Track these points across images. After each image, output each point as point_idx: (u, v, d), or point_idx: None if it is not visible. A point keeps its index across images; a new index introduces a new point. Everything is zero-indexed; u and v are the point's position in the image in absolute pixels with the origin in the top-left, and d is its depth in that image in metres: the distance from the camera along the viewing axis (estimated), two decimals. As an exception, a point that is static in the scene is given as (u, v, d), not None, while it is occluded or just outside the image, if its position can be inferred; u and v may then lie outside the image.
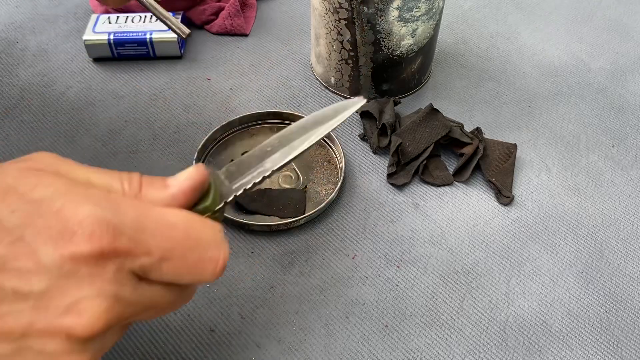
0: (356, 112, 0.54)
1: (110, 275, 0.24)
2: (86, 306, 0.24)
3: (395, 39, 0.51)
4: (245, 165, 0.32)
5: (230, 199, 0.31)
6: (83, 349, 0.24)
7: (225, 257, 0.28)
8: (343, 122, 0.33)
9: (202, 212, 0.29)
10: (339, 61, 0.55)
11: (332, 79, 0.57)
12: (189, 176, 0.28)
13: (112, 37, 0.58)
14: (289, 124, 0.53)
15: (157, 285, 0.27)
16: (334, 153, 0.52)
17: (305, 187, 0.49)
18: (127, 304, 0.25)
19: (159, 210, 0.26)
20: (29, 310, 0.23)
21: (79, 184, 0.25)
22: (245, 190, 0.31)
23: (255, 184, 0.31)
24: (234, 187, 0.31)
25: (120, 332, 0.27)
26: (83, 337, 0.24)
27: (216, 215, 0.30)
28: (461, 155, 0.51)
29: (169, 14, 0.39)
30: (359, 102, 0.33)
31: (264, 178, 0.31)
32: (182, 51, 0.61)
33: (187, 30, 0.39)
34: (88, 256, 0.23)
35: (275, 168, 0.32)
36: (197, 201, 0.29)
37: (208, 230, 0.27)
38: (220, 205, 0.30)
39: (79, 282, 0.24)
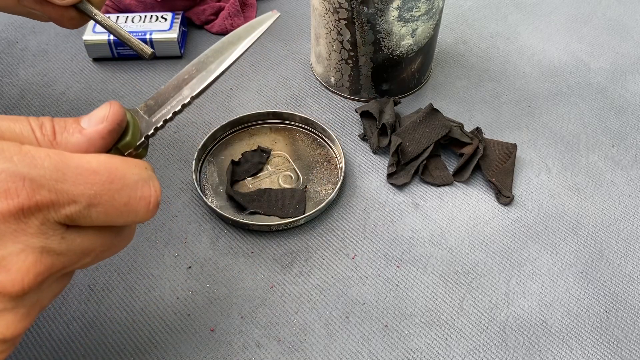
0: (356, 111, 0.55)
1: (34, 229, 0.24)
2: (12, 262, 0.23)
3: (395, 39, 0.51)
4: (164, 97, 0.31)
5: (151, 132, 0.30)
6: (15, 305, 0.24)
7: (156, 193, 0.27)
8: (259, 39, 0.32)
9: (123, 149, 0.29)
10: (339, 61, 0.55)
11: (332, 79, 0.57)
12: (105, 117, 0.27)
13: (112, 37, 0.58)
14: (289, 124, 0.54)
15: (90, 231, 0.26)
16: (334, 153, 0.52)
17: (305, 187, 0.49)
18: (57, 254, 0.25)
19: (78, 157, 0.25)
20: None
21: None
22: (165, 121, 0.31)
23: (175, 113, 0.31)
24: (153, 119, 0.31)
25: (59, 284, 0.27)
26: (13, 293, 0.24)
27: (139, 152, 0.30)
28: (461, 155, 0.51)
29: (130, 35, 0.37)
30: (272, 16, 0.33)
31: (183, 106, 0.31)
32: (182, 51, 0.61)
33: (149, 51, 0.37)
34: (7, 214, 0.23)
35: (194, 94, 0.31)
36: (116, 140, 0.28)
37: (133, 169, 0.27)
38: (141, 140, 0.30)
39: (1, 239, 0.23)
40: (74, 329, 0.41)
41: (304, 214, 0.47)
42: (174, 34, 0.59)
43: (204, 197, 0.47)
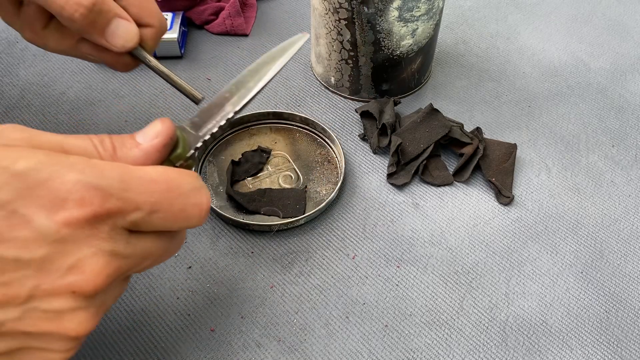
0: (356, 111, 0.55)
1: (104, 234, 0.26)
2: (87, 264, 0.26)
3: (395, 39, 0.51)
4: (208, 114, 0.34)
5: (199, 144, 0.33)
6: (87, 305, 0.26)
7: (207, 200, 0.30)
8: (292, 58, 0.35)
9: (175, 161, 0.31)
10: (339, 61, 0.55)
11: (332, 79, 0.57)
12: (159, 133, 0.30)
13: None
14: (289, 124, 0.54)
15: (150, 236, 0.29)
16: (334, 153, 0.52)
17: (305, 187, 0.49)
18: (123, 257, 0.27)
19: (138, 168, 0.28)
20: (32, 275, 0.25)
21: (58, 153, 0.26)
22: (212, 134, 0.33)
23: (220, 127, 0.34)
24: (200, 133, 0.33)
25: (120, 287, 0.29)
26: (87, 292, 0.26)
27: (189, 163, 0.32)
28: (461, 155, 0.51)
29: (181, 80, 0.39)
30: (303, 37, 0.35)
31: (227, 121, 0.34)
32: (182, 51, 0.61)
33: (200, 96, 0.39)
34: (82, 220, 0.25)
35: (236, 109, 0.34)
36: (169, 153, 0.31)
37: (187, 179, 0.29)
38: (191, 152, 0.32)
39: (77, 244, 0.25)
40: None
41: (304, 214, 0.47)
42: (174, 34, 0.59)
43: (204, 197, 0.47)
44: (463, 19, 0.68)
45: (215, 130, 0.34)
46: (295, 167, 0.51)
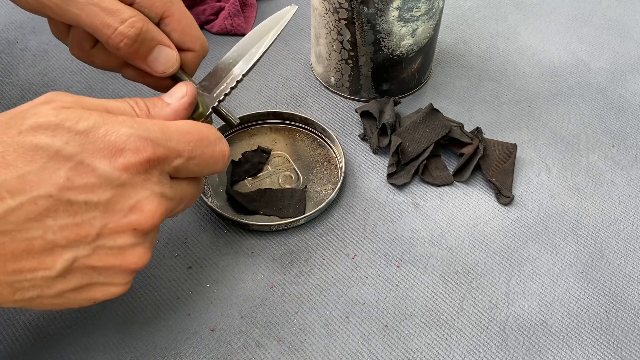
0: (356, 111, 0.55)
1: (155, 178, 0.31)
2: (144, 204, 0.30)
3: (395, 39, 0.51)
4: (216, 78, 0.39)
5: (215, 104, 0.38)
6: (144, 240, 0.31)
7: (228, 149, 0.35)
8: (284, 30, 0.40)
9: (197, 119, 0.36)
10: (339, 61, 0.55)
11: (332, 79, 0.57)
12: (185, 93, 0.35)
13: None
14: (290, 124, 0.54)
15: (184, 181, 0.34)
16: (334, 153, 0.52)
17: (305, 187, 0.49)
18: (169, 199, 0.32)
19: (173, 123, 0.32)
20: (100, 216, 0.29)
21: (108, 114, 0.30)
22: (225, 95, 0.39)
23: (232, 88, 0.39)
24: (214, 95, 0.39)
25: (157, 232, 0.34)
26: (145, 229, 0.30)
27: (208, 120, 0.38)
28: (461, 155, 0.51)
29: (220, 106, 0.41)
30: (292, 9, 0.40)
31: (237, 82, 0.39)
32: (182, 51, 0.61)
33: (236, 122, 0.42)
34: (139, 165, 0.29)
35: (244, 72, 0.39)
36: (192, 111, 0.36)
37: (211, 131, 0.34)
38: (210, 111, 0.38)
39: (135, 188, 0.30)
40: (74, 330, 0.41)
41: (304, 214, 0.47)
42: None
43: (204, 197, 0.47)
44: (463, 19, 0.68)
45: (227, 91, 0.39)
46: (295, 167, 0.51)
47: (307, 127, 0.53)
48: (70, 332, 0.40)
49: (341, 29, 0.52)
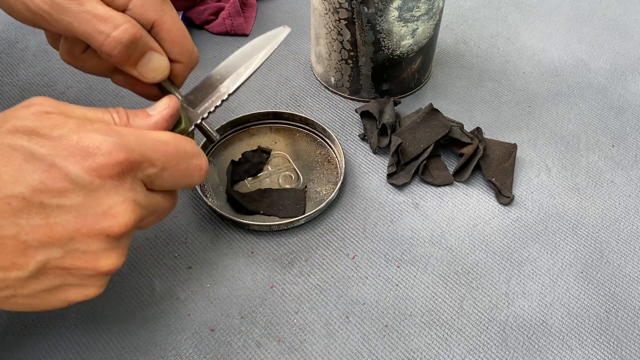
0: (356, 111, 0.55)
1: (128, 184, 0.31)
2: (117, 210, 0.30)
3: (395, 39, 0.51)
4: (202, 93, 0.39)
5: (198, 121, 0.39)
6: (117, 245, 0.31)
7: (206, 163, 0.35)
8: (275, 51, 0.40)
9: (179, 134, 0.36)
10: (339, 61, 0.55)
11: (332, 79, 0.57)
12: (167, 105, 0.35)
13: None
14: (289, 124, 0.54)
15: (159, 194, 0.34)
16: (334, 153, 0.52)
17: (305, 187, 0.49)
18: (143, 207, 0.32)
19: (151, 132, 0.33)
20: (73, 220, 0.29)
21: (85, 121, 0.31)
22: (209, 113, 0.39)
23: (216, 107, 0.39)
24: (198, 111, 0.39)
25: (130, 237, 0.33)
26: (119, 234, 0.30)
27: (190, 136, 0.38)
28: (461, 155, 0.51)
29: (202, 122, 0.40)
30: (285, 30, 0.40)
31: (222, 101, 0.39)
32: (182, 51, 0.61)
33: (216, 138, 0.41)
34: (110, 168, 0.30)
35: (230, 92, 0.39)
36: (173, 125, 0.36)
37: (190, 145, 0.34)
38: (192, 127, 0.38)
39: (108, 193, 0.30)
40: (74, 329, 0.41)
41: (304, 214, 0.47)
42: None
43: (204, 197, 0.47)
44: (463, 19, 0.68)
45: (212, 109, 0.39)
46: (295, 167, 0.51)
47: (307, 127, 0.53)
48: (71, 332, 0.40)
49: (341, 29, 0.52)
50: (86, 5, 0.34)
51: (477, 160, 0.50)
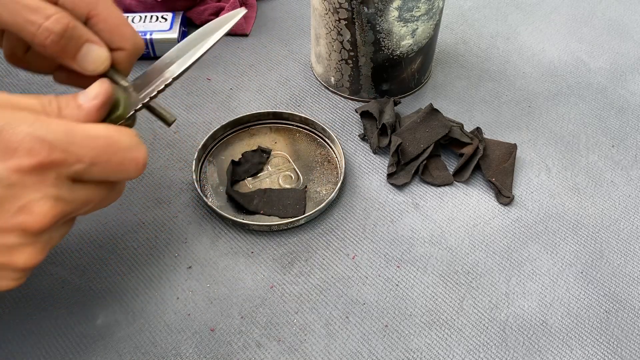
0: (356, 111, 0.55)
1: (50, 181, 0.30)
2: (35, 206, 0.30)
3: (395, 39, 0.51)
4: (149, 78, 0.38)
5: (139, 106, 0.37)
6: (34, 241, 0.31)
7: (144, 156, 0.34)
8: (228, 33, 0.38)
9: (116, 121, 0.35)
10: (339, 61, 0.55)
11: (332, 79, 0.57)
12: (98, 94, 0.34)
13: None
14: (289, 124, 0.54)
15: (91, 185, 0.32)
16: (334, 153, 0.52)
17: (305, 187, 0.49)
18: (66, 202, 0.31)
19: (82, 125, 0.32)
20: None
21: (10, 109, 0.30)
22: (150, 98, 0.37)
23: (159, 91, 0.37)
24: (140, 96, 0.37)
25: (66, 227, 0.33)
26: (35, 230, 0.30)
27: (129, 122, 0.36)
28: (461, 155, 0.51)
29: (155, 103, 0.40)
30: (240, 11, 0.39)
31: (166, 86, 0.37)
32: (182, 51, 0.61)
33: (172, 119, 0.40)
34: (30, 168, 0.29)
35: (174, 76, 0.37)
36: (110, 112, 0.35)
37: (125, 137, 0.33)
38: (131, 113, 0.36)
39: (26, 189, 0.29)
40: (74, 329, 0.41)
41: (304, 214, 0.47)
42: (174, 34, 0.59)
43: (204, 197, 0.47)
44: (463, 19, 0.68)
45: (153, 94, 0.37)
46: (295, 167, 0.51)
47: (307, 127, 0.53)
48: (71, 332, 0.40)
49: (341, 29, 0.52)
50: None
51: (477, 160, 0.50)
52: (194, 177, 0.48)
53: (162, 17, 0.61)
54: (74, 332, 0.41)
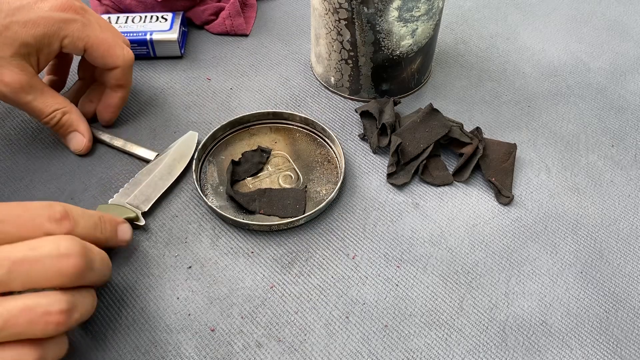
0: (356, 111, 0.55)
1: None
2: None
3: (395, 39, 0.51)
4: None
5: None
6: None
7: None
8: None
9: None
10: (339, 61, 0.55)
11: (332, 79, 0.57)
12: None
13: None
14: (289, 124, 0.54)
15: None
16: (334, 153, 0.52)
17: (305, 187, 0.49)
18: None
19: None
20: None
21: None
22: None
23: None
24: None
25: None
26: None
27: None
28: (461, 155, 0.51)
29: (133, 146, 0.51)
30: (194, 135, 0.52)
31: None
32: (182, 51, 0.61)
33: (151, 158, 0.50)
34: None
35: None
36: None
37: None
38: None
39: None
40: (74, 330, 0.41)
41: (304, 214, 0.47)
42: (174, 34, 0.59)
43: (204, 197, 0.47)
44: (463, 19, 0.68)
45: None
46: (295, 167, 0.51)
47: (307, 127, 0.53)
48: (70, 332, 0.40)
49: (341, 29, 0.52)
50: (31, 96, 0.47)
51: (476, 160, 0.50)
52: (194, 177, 0.48)
53: (162, 17, 0.61)
54: (74, 332, 0.41)
